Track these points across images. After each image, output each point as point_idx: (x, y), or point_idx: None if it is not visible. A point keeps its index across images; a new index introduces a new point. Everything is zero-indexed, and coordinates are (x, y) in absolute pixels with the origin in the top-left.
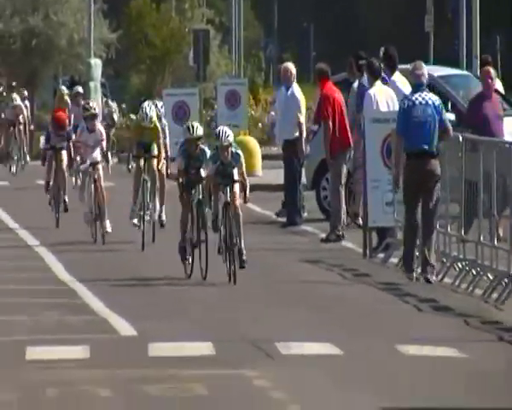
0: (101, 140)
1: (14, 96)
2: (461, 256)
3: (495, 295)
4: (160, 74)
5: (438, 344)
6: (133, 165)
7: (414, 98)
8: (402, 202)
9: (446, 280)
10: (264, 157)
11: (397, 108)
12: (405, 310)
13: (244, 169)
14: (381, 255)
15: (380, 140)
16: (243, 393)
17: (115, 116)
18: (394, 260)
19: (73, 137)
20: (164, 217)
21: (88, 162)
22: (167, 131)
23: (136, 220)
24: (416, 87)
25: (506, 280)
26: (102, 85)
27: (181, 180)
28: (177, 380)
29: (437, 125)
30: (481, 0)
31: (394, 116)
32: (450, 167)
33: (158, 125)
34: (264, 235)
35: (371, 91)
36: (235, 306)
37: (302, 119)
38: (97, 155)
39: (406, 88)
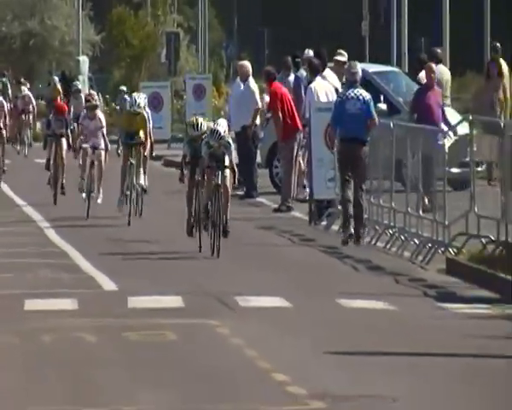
0: (101, 127)
1: (23, 88)
2: (391, 224)
3: (420, 258)
4: (137, 70)
5: (372, 298)
6: (121, 150)
7: (347, 93)
8: None
9: (379, 244)
10: None
11: (335, 97)
12: (344, 269)
13: (233, 157)
14: (324, 223)
15: (323, 126)
16: (207, 339)
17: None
18: (335, 227)
19: (73, 125)
20: (146, 183)
21: (89, 144)
22: (150, 119)
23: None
24: (350, 83)
25: (430, 245)
26: (89, 79)
27: (184, 166)
28: (152, 328)
29: (366, 117)
30: (409, 9)
31: None
32: (383, 149)
33: (144, 112)
34: None
35: (312, 86)
36: (203, 266)
37: (260, 105)
38: (99, 140)
39: (335, 81)
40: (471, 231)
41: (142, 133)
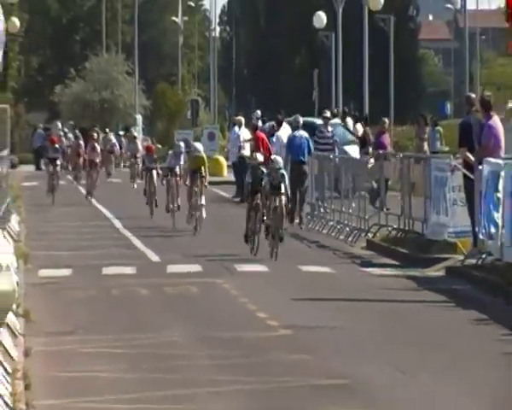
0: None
1: (110, 136)
2: (332, 218)
3: (350, 239)
4: (173, 123)
5: (319, 265)
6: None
7: (295, 133)
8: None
9: (324, 231)
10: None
11: None
12: (302, 247)
13: (287, 184)
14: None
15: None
16: (216, 291)
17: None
18: (297, 221)
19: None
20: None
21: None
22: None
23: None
24: (296, 127)
25: (356, 231)
26: (142, 129)
27: (247, 190)
28: (181, 284)
29: (306, 148)
30: (342, 82)
31: None
32: (328, 171)
33: (204, 155)
34: (224, 207)
35: (278, 134)
36: (206, 243)
37: (241, 141)
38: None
39: (289, 130)
40: (382, 222)
41: (202, 169)
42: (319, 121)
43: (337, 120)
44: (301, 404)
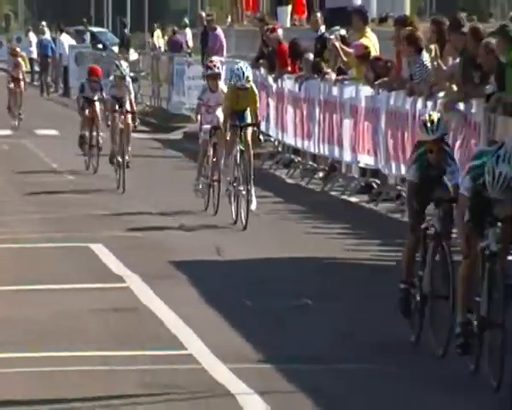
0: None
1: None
2: None
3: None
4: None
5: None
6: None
7: (42, 37)
8: None
9: None
10: None
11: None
12: None
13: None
14: None
15: None
16: (19, 147)
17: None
18: None
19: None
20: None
21: (209, 126)
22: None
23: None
24: (42, 32)
25: None
26: None
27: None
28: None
29: (50, 47)
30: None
31: None
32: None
33: (254, 87)
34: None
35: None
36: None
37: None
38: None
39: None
40: (138, 101)
41: (249, 112)
42: (96, 29)
43: (104, 30)
44: (84, 228)
